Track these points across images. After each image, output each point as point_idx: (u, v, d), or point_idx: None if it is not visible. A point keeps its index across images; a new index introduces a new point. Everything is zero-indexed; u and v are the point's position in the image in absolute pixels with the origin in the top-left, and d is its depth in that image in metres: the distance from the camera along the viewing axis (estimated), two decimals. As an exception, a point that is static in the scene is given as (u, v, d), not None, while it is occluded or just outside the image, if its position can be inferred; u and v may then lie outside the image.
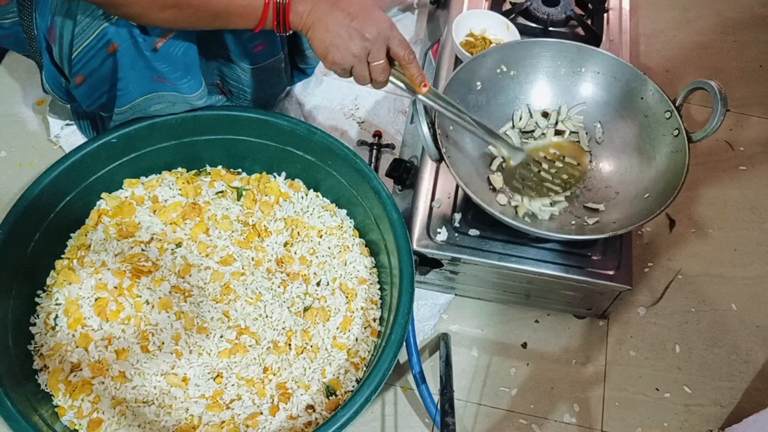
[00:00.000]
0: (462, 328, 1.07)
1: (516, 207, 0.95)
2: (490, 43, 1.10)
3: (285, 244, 1.01)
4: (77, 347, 0.90)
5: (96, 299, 0.93)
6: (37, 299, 0.94)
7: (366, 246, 1.02)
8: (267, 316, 0.95)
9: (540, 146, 0.98)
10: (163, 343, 0.91)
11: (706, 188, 1.22)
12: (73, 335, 0.91)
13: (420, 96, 0.84)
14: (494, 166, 0.99)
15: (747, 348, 1.07)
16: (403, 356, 1.01)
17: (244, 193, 1.04)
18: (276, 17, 0.80)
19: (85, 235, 0.99)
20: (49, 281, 0.95)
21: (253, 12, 0.80)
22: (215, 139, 1.02)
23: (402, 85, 0.84)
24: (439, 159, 0.88)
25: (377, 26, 0.79)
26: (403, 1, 1.36)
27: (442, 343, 1.02)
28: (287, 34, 0.82)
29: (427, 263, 0.99)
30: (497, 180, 0.96)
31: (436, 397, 0.94)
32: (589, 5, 1.17)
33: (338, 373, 0.92)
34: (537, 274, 0.94)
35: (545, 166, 0.96)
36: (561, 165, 0.97)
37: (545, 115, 1.02)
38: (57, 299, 0.93)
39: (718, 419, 1.02)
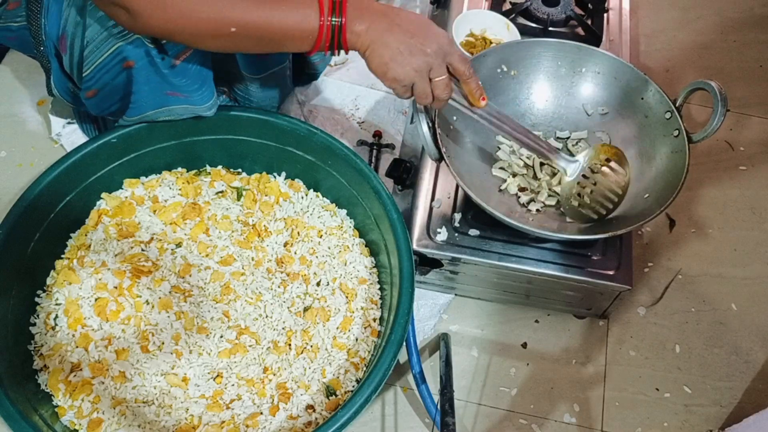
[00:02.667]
0: (462, 328, 1.07)
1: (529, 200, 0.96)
2: (490, 43, 1.10)
3: (285, 244, 1.01)
4: (77, 347, 0.90)
5: (96, 299, 0.93)
6: (37, 299, 0.94)
7: (366, 246, 1.02)
8: (267, 316, 0.95)
9: (592, 154, 0.94)
10: (163, 343, 0.91)
11: (706, 188, 1.22)
12: (73, 335, 0.91)
13: (478, 110, 0.84)
14: (495, 170, 0.98)
15: (747, 348, 1.07)
16: (403, 356, 1.01)
17: (244, 193, 1.04)
18: (331, 38, 0.77)
19: (85, 235, 0.99)
20: (49, 281, 0.95)
21: (309, 35, 0.77)
22: (215, 139, 1.02)
23: (460, 100, 0.84)
24: (439, 159, 0.88)
25: (438, 42, 0.78)
26: None
27: (442, 343, 1.02)
28: (346, 53, 0.80)
29: (427, 263, 0.99)
30: (512, 186, 0.97)
31: (436, 397, 0.94)
32: (589, 5, 1.17)
33: (338, 373, 0.92)
34: (537, 274, 0.94)
35: (599, 177, 0.93)
36: (610, 172, 0.93)
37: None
38: (57, 299, 0.93)
39: (718, 419, 1.02)
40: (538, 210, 0.95)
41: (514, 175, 0.98)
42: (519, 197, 0.96)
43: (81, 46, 0.88)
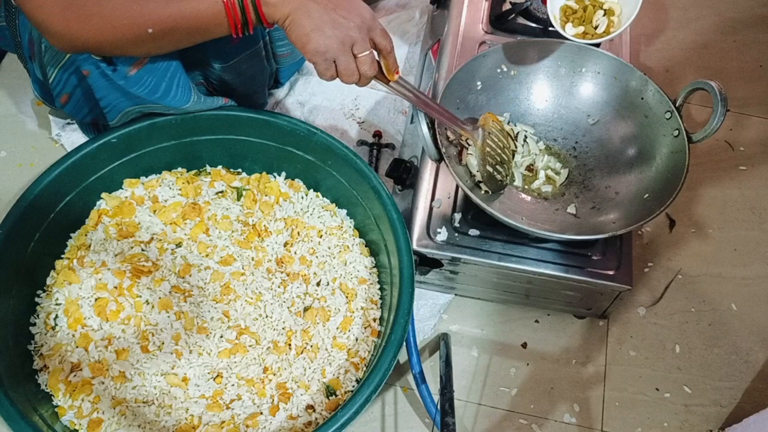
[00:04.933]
0: (462, 328, 1.07)
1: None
2: (601, 6, 1.00)
3: (285, 244, 1.01)
4: (77, 347, 0.90)
5: (96, 299, 0.93)
6: (37, 299, 0.94)
7: (366, 246, 1.02)
8: (267, 316, 0.95)
9: (489, 121, 0.93)
10: (163, 343, 0.91)
11: (706, 188, 1.22)
12: (73, 335, 0.91)
13: (392, 83, 0.82)
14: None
15: (747, 348, 1.07)
16: (403, 356, 1.01)
17: (244, 193, 1.04)
18: (242, 15, 0.76)
19: (85, 235, 0.99)
20: (49, 281, 0.95)
21: (221, 17, 0.76)
22: (215, 139, 1.02)
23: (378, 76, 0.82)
24: (439, 159, 0.88)
25: (360, 16, 0.75)
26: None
27: (442, 343, 1.02)
28: (267, 29, 0.78)
29: (427, 263, 0.99)
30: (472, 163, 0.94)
31: (436, 397, 0.94)
32: (589, 5, 1.17)
33: (338, 373, 0.92)
34: (537, 274, 0.94)
35: (501, 137, 0.92)
36: (499, 133, 0.93)
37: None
38: (57, 299, 0.94)
39: (718, 419, 1.02)
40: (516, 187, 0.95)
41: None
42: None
43: (42, 52, 0.87)
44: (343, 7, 0.75)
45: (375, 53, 0.79)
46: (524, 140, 1.01)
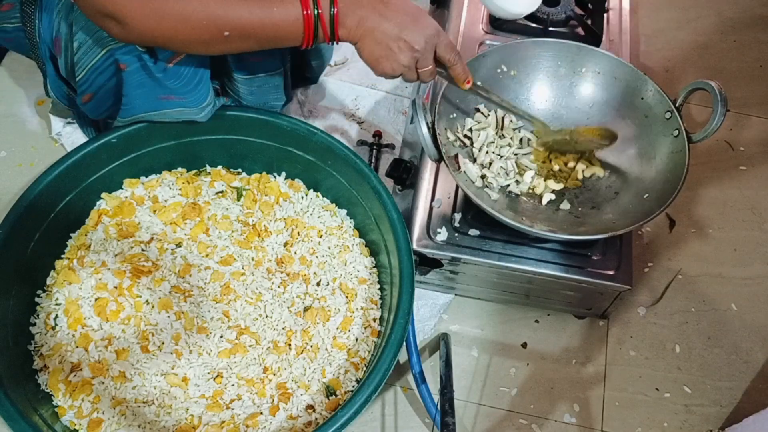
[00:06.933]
0: (462, 328, 1.07)
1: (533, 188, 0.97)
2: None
3: (285, 244, 1.01)
4: (77, 347, 0.90)
5: (96, 299, 0.93)
6: (37, 299, 0.94)
7: (366, 246, 1.02)
8: (267, 316, 0.95)
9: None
10: (163, 343, 0.91)
11: (706, 188, 1.22)
12: (73, 335, 0.91)
13: (464, 90, 0.89)
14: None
15: (747, 348, 1.07)
16: (403, 356, 1.01)
17: (244, 193, 1.04)
18: (315, 29, 0.79)
19: (85, 235, 0.99)
20: (49, 281, 0.95)
21: (298, 29, 0.79)
22: (215, 139, 1.02)
23: (447, 79, 0.89)
24: (439, 159, 0.88)
25: (425, 35, 0.80)
26: None
27: (442, 343, 1.02)
28: (336, 44, 0.82)
29: (427, 263, 0.99)
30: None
31: (436, 397, 0.94)
32: (589, 5, 1.17)
33: (338, 373, 0.92)
34: (537, 274, 0.94)
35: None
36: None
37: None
38: (57, 299, 0.93)
39: (718, 419, 1.02)
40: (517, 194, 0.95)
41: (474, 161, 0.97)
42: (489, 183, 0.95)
43: (72, 50, 0.87)
44: (410, 28, 0.79)
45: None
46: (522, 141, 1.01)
